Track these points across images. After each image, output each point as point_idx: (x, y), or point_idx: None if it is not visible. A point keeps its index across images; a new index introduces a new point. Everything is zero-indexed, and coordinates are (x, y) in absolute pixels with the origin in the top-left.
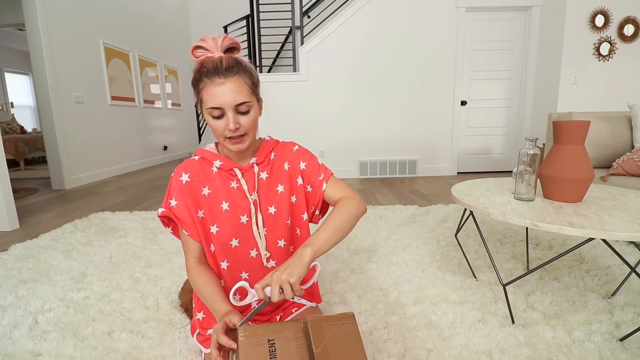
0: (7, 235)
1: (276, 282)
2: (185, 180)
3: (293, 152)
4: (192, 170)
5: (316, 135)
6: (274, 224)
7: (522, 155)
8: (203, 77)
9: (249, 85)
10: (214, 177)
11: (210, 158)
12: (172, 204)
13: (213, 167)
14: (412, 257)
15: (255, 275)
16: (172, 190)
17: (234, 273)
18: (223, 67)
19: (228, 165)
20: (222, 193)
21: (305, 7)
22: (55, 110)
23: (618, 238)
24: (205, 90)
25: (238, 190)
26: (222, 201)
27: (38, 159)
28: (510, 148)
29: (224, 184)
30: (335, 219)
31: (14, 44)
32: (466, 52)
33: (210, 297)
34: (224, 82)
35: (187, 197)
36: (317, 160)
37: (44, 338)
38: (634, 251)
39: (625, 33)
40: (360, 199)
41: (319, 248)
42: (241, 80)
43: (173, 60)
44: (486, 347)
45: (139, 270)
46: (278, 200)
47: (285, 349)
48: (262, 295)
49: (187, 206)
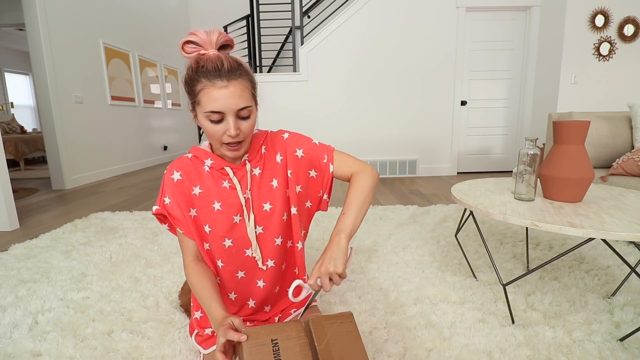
0: (7, 235)
1: (325, 275)
2: (177, 179)
3: (283, 140)
4: (184, 169)
5: (316, 135)
6: (269, 221)
7: (522, 155)
8: (201, 78)
9: (250, 88)
10: (206, 177)
11: (202, 156)
12: (166, 201)
13: (205, 165)
14: (412, 257)
15: (251, 275)
16: (165, 188)
17: (230, 273)
18: (225, 69)
19: (219, 164)
20: (213, 193)
21: (305, 7)
22: (55, 110)
23: (618, 238)
24: (204, 92)
25: (230, 190)
26: (214, 201)
27: (38, 159)
28: (510, 148)
29: (215, 183)
30: (356, 197)
31: (14, 44)
32: (466, 52)
33: (206, 301)
34: (227, 85)
35: (179, 195)
36: (313, 142)
37: (44, 338)
38: (634, 251)
39: (625, 33)
40: (370, 166)
41: (351, 230)
42: (243, 83)
43: (173, 60)
44: (486, 347)
45: (139, 270)
46: (273, 196)
47: (288, 348)
48: (316, 287)
49: (179, 205)
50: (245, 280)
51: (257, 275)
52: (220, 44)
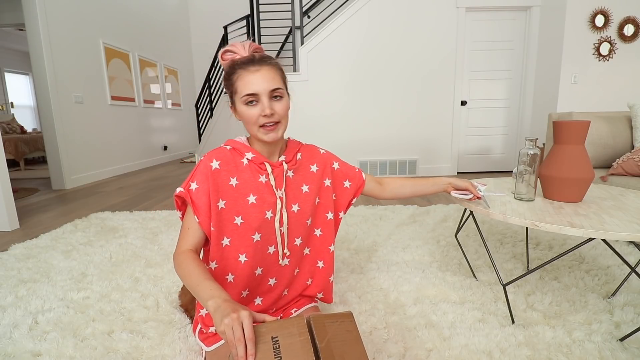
0: (7, 235)
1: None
2: (215, 167)
3: (321, 154)
4: (223, 159)
5: (316, 135)
6: (295, 223)
7: (522, 155)
8: (237, 69)
9: (281, 75)
10: (244, 169)
11: (241, 149)
12: (192, 187)
13: (244, 158)
14: (412, 257)
15: (268, 272)
16: (196, 173)
17: (250, 268)
18: (257, 58)
19: (259, 158)
20: (250, 186)
21: (305, 7)
22: (55, 110)
23: (618, 238)
24: (239, 79)
25: (266, 185)
26: (250, 194)
27: (38, 159)
28: (510, 148)
29: (252, 176)
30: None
31: (14, 44)
32: (466, 52)
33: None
34: (259, 69)
35: (212, 184)
36: (344, 162)
37: (44, 338)
38: (634, 251)
39: (625, 33)
40: None
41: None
42: (274, 68)
43: (173, 60)
44: (486, 347)
45: (139, 270)
46: (302, 200)
47: (289, 345)
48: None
49: (209, 193)
50: (260, 277)
51: (272, 272)
52: (252, 51)
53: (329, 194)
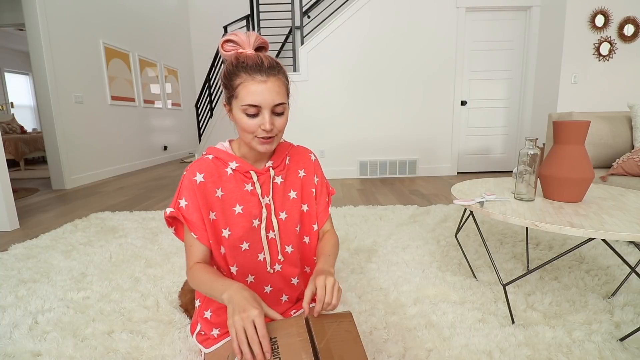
0: (7, 235)
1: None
2: (200, 181)
3: (311, 161)
4: (207, 170)
5: (316, 135)
6: (284, 230)
7: (522, 155)
8: (241, 72)
9: (286, 87)
10: (228, 179)
11: (225, 158)
12: (182, 204)
13: (228, 168)
14: (412, 257)
15: (260, 279)
16: (183, 190)
17: (241, 277)
18: (265, 66)
19: (244, 167)
20: (235, 196)
21: (305, 7)
22: (55, 110)
23: (618, 238)
24: (243, 86)
25: (252, 194)
26: (236, 204)
27: (38, 159)
28: (510, 148)
29: (237, 186)
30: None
31: (14, 44)
32: (466, 52)
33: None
34: (266, 80)
35: (200, 198)
36: (325, 178)
37: (44, 338)
38: (634, 251)
39: (625, 33)
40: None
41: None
42: (280, 81)
43: (173, 60)
44: (486, 347)
45: (139, 270)
46: (289, 206)
47: (288, 345)
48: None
49: (199, 208)
50: (253, 285)
51: (265, 280)
52: (257, 45)
53: (313, 202)
